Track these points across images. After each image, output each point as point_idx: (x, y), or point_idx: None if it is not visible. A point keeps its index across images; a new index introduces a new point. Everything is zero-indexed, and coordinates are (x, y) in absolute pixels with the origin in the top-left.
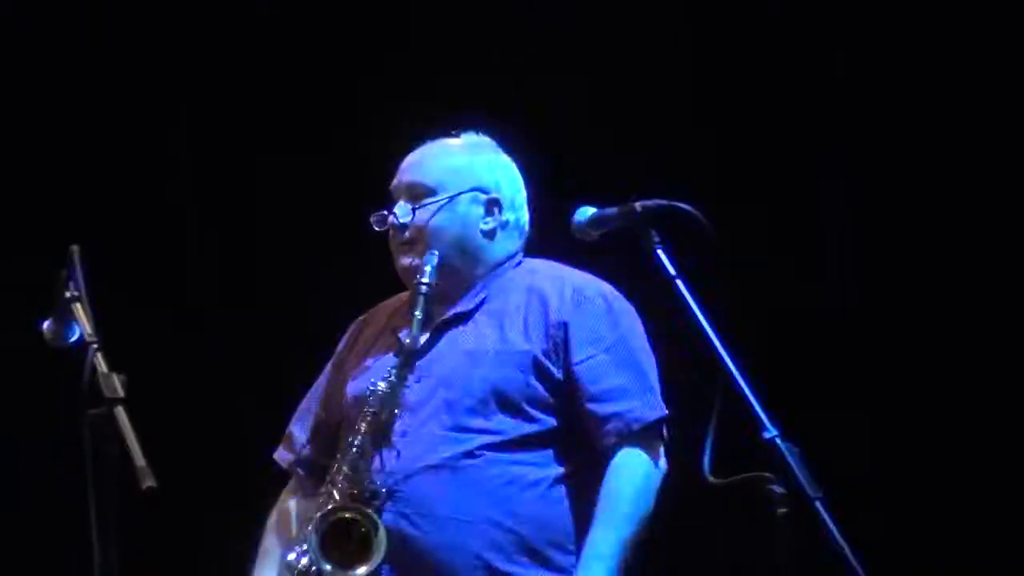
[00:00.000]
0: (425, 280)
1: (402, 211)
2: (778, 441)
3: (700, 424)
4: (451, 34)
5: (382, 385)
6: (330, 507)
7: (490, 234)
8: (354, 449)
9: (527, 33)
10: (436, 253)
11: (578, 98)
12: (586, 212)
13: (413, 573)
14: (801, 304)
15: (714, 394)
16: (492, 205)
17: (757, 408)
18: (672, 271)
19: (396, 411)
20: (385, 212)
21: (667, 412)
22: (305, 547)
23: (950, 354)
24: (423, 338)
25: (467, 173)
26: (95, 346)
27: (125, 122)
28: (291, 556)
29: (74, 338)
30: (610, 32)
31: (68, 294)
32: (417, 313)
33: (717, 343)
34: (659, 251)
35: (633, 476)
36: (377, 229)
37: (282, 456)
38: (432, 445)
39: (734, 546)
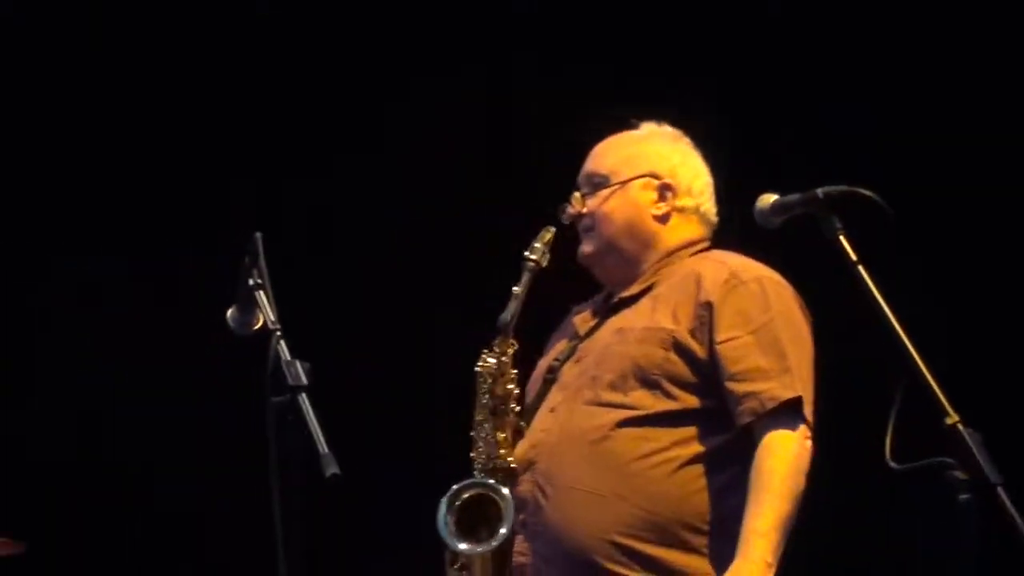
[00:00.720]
0: (533, 257)
1: (577, 201)
2: (960, 427)
3: (881, 410)
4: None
5: (547, 366)
6: (454, 488)
7: (663, 218)
8: (490, 420)
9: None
10: (552, 230)
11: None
12: (768, 199)
13: (544, 542)
14: (981, 289)
15: (895, 380)
16: (665, 190)
17: (939, 394)
18: (854, 256)
19: (549, 390)
20: (571, 202)
21: (803, 394)
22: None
23: None
24: (593, 323)
25: (640, 159)
26: (278, 334)
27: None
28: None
29: (257, 326)
30: None
31: (251, 282)
32: (516, 288)
33: (898, 328)
34: (841, 236)
35: (784, 454)
36: (564, 222)
37: None
38: (572, 420)
39: (915, 532)
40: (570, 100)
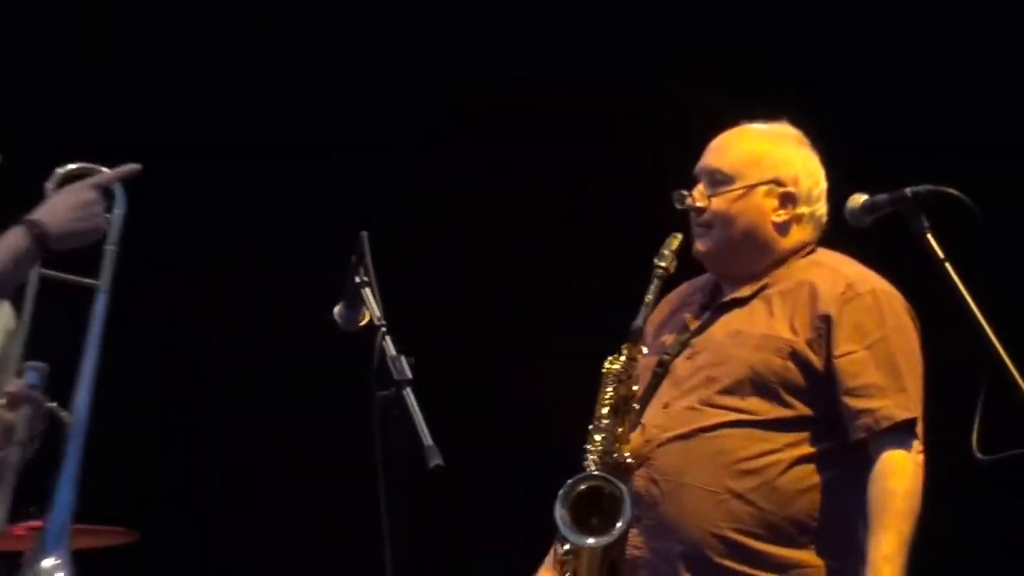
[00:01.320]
0: (663, 264)
1: (700, 195)
2: None
3: (968, 403)
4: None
5: (657, 359)
6: (570, 481)
7: (782, 227)
8: (613, 417)
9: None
10: (679, 237)
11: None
12: (858, 199)
13: (658, 536)
14: None
15: (981, 374)
16: (787, 199)
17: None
18: (941, 254)
19: (661, 384)
20: (685, 192)
21: (917, 415)
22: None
23: None
24: (703, 317)
25: (766, 164)
26: (384, 330)
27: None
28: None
29: (363, 322)
30: None
31: (358, 279)
32: (648, 297)
33: (984, 324)
34: (928, 235)
35: (902, 475)
36: (677, 207)
37: None
38: (686, 417)
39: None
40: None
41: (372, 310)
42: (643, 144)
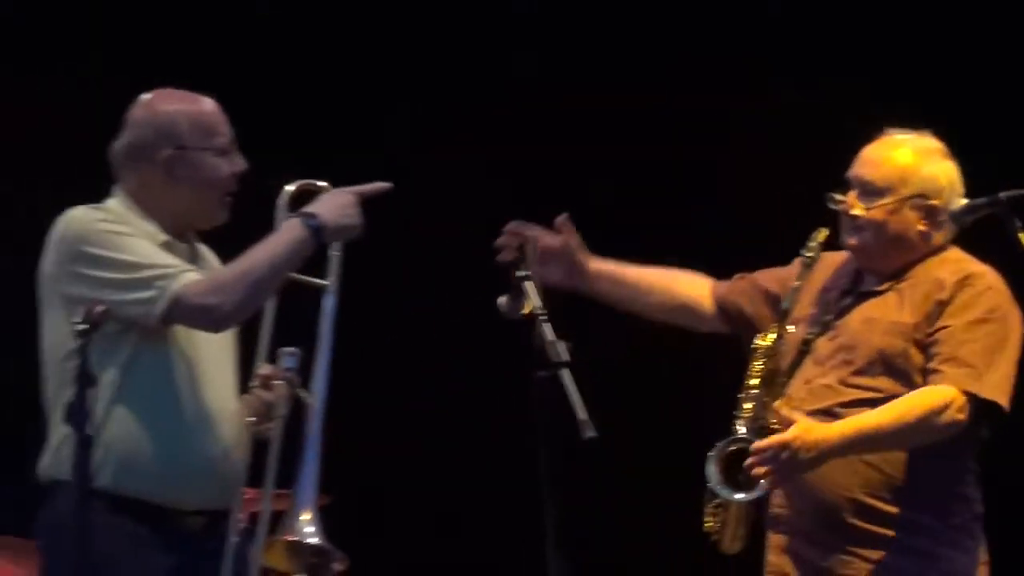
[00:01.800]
0: (810, 254)
1: (853, 202)
2: None
3: None
4: None
5: (802, 337)
6: (720, 443)
7: (925, 234)
8: (762, 388)
9: None
10: (825, 231)
11: None
12: (960, 202)
13: (797, 495)
14: None
15: None
16: (931, 211)
17: None
18: None
19: (804, 361)
20: (839, 197)
21: (990, 396)
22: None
23: None
24: (844, 303)
25: (914, 180)
26: (543, 317)
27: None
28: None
29: (525, 311)
30: None
31: (520, 274)
32: (796, 283)
33: None
34: (1021, 235)
35: (931, 397)
36: (830, 207)
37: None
38: (824, 394)
39: None
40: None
41: (533, 300)
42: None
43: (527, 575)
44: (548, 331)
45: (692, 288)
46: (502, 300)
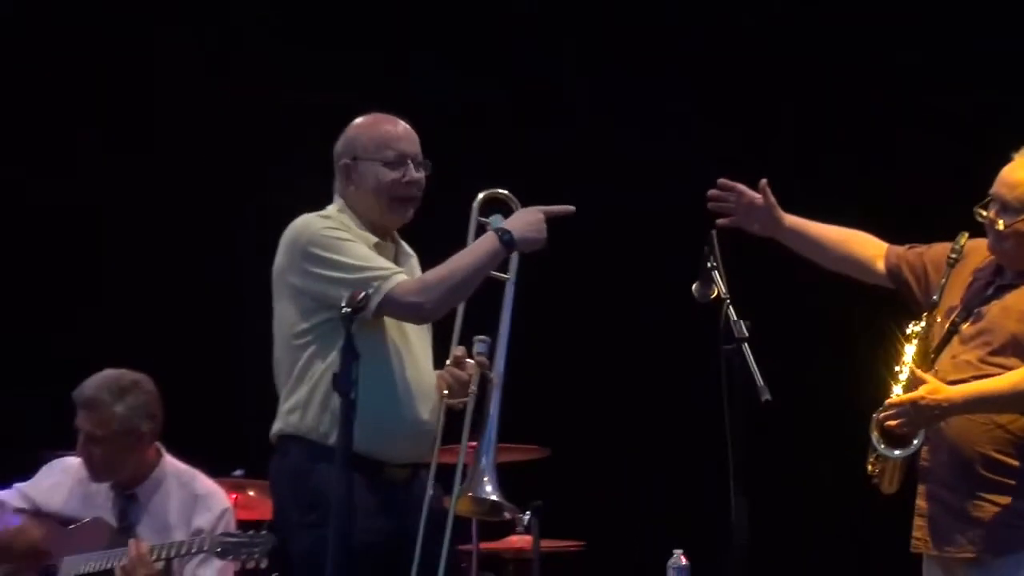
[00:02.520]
0: (954, 256)
1: (995, 217)
2: None
3: None
4: None
5: (950, 321)
6: (879, 410)
7: None
8: (915, 364)
9: None
10: (967, 234)
11: None
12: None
13: (940, 451)
14: None
15: None
16: None
17: None
18: None
19: (951, 340)
20: (984, 212)
21: None
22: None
23: None
24: (986, 293)
25: None
26: (727, 301)
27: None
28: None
29: (713, 296)
30: None
31: (709, 264)
32: (943, 280)
33: None
34: None
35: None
36: (978, 220)
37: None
38: (966, 368)
39: None
40: None
41: (719, 287)
42: None
43: (714, 512)
44: (732, 312)
45: (865, 248)
46: (695, 286)
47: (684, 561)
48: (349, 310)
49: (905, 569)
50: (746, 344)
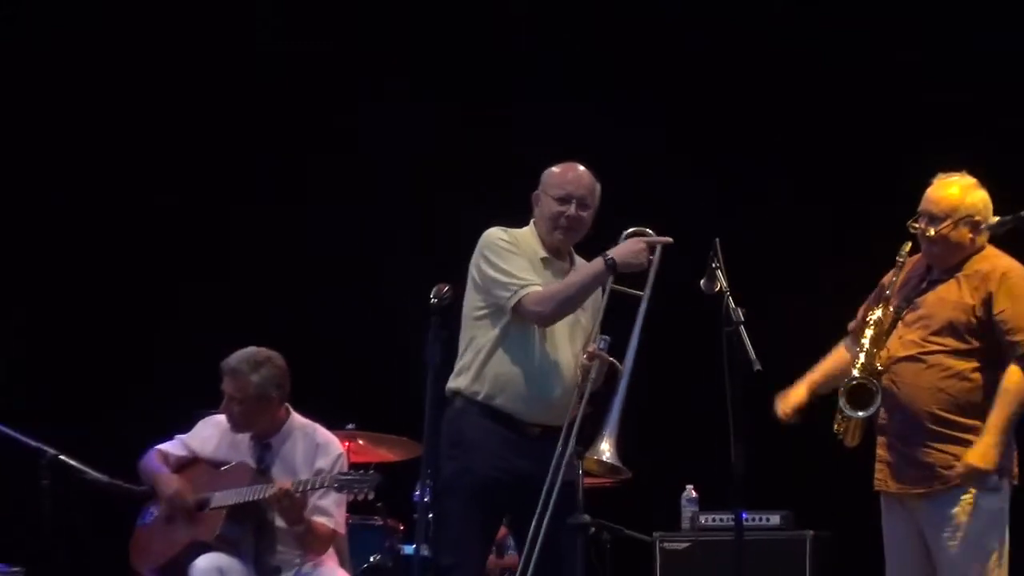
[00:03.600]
0: (900, 259)
1: (926, 227)
2: None
3: None
4: None
5: (895, 309)
6: (846, 380)
7: (973, 241)
8: (871, 344)
9: None
10: (909, 244)
11: None
12: (994, 219)
13: (895, 411)
14: None
15: None
16: (975, 226)
17: None
18: None
19: (897, 324)
20: (917, 224)
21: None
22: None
23: None
24: (921, 287)
25: (964, 207)
26: (728, 293)
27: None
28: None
29: (716, 290)
30: None
31: (714, 264)
32: (894, 278)
33: None
34: None
35: (1013, 378)
36: (911, 231)
37: None
38: (911, 346)
39: None
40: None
41: (721, 282)
42: None
43: (717, 466)
44: (731, 302)
45: (845, 356)
46: (702, 281)
47: (695, 494)
48: (436, 300)
49: (868, 503)
50: (742, 327)
